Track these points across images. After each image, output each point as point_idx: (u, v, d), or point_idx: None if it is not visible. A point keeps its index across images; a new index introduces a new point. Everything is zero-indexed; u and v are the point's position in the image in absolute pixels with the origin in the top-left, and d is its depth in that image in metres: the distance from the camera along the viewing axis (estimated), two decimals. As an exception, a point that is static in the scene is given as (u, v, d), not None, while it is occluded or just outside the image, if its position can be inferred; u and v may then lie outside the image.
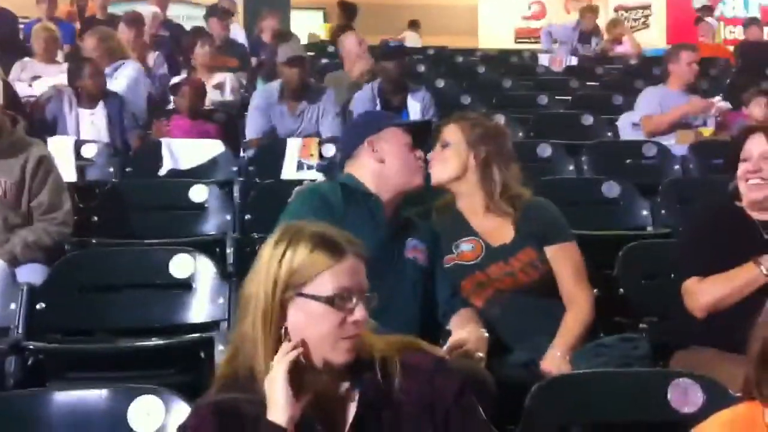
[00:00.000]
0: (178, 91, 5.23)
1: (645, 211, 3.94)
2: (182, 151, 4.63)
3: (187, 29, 8.00)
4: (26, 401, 1.98)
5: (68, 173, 4.17)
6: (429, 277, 2.53)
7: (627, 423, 2.10)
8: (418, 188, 2.60)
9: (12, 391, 2.36)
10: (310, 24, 10.95)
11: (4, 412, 1.93)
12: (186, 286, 2.95)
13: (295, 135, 4.96)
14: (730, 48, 10.21)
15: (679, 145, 5.06)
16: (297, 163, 4.64)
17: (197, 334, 2.73)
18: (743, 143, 2.66)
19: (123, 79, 5.45)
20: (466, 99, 6.37)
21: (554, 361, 2.39)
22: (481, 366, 2.24)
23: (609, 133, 5.74)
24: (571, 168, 4.71)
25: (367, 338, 1.66)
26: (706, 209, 2.76)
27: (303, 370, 1.58)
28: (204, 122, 5.17)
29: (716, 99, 5.38)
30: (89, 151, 4.61)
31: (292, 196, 2.65)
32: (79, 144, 4.63)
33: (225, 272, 3.08)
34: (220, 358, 1.77)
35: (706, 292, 2.51)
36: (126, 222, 3.86)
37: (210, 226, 3.88)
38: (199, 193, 3.92)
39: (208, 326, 2.87)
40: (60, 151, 4.26)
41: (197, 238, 3.67)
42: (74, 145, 4.58)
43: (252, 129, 5.08)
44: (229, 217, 3.88)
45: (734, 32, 13.44)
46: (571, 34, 9.40)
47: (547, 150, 4.72)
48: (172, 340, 2.74)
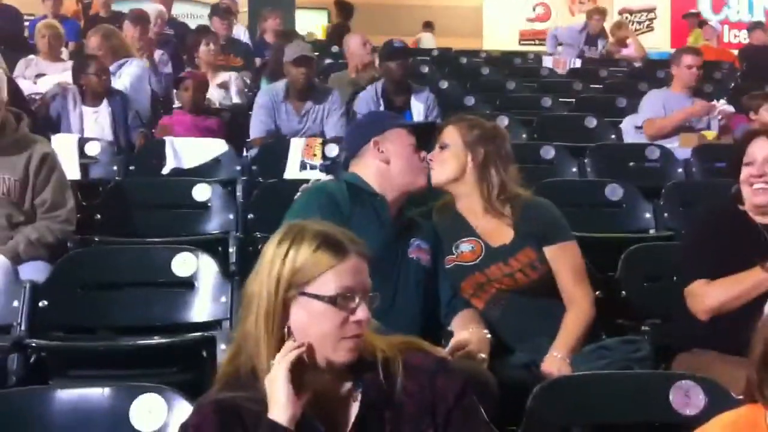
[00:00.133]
0: (181, 84, 5.22)
1: (648, 214, 3.93)
2: (186, 150, 4.63)
3: (191, 27, 8.02)
4: (28, 399, 1.98)
5: (72, 171, 4.17)
6: (432, 277, 2.54)
7: (628, 425, 2.11)
8: (422, 189, 2.61)
9: (14, 389, 2.35)
10: (314, 24, 10.94)
11: (6, 409, 1.93)
12: (188, 285, 2.95)
13: (299, 135, 4.96)
14: (734, 52, 10.20)
15: (682, 148, 5.05)
16: (300, 162, 4.63)
17: (199, 333, 2.72)
18: (746, 147, 2.66)
19: (127, 77, 5.44)
20: (470, 100, 6.37)
21: (554, 363, 2.39)
22: (483, 367, 2.24)
23: (612, 136, 5.73)
24: (574, 170, 4.71)
25: (370, 338, 1.66)
26: (709, 212, 2.75)
27: (304, 369, 1.57)
28: (206, 117, 5.16)
29: (720, 102, 5.37)
30: (93, 149, 4.60)
31: (299, 194, 2.65)
32: (83, 142, 4.61)
33: (227, 271, 3.09)
34: (222, 357, 1.77)
35: (711, 295, 2.51)
36: (129, 220, 3.85)
37: (213, 225, 3.88)
38: (202, 192, 3.91)
39: (211, 325, 2.87)
40: (64, 148, 4.26)
41: (200, 237, 3.68)
42: (78, 143, 4.56)
43: (256, 128, 5.06)
44: (231, 216, 3.87)
45: (738, 36, 13.44)
46: (578, 37, 9.36)
47: (550, 152, 4.72)
48: (174, 339, 2.74)
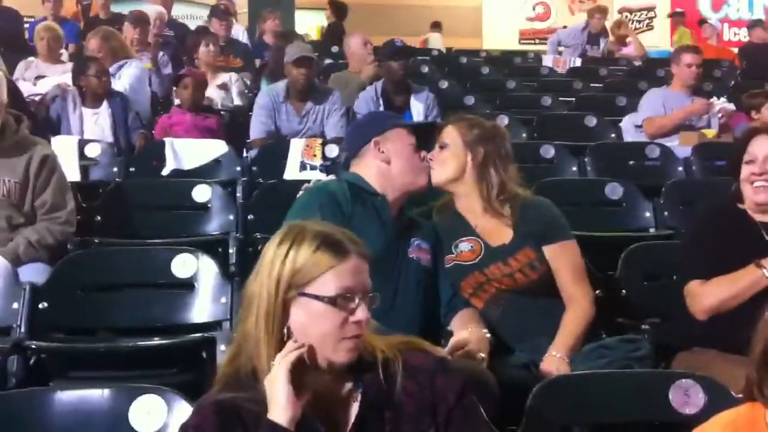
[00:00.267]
0: (180, 82, 5.19)
1: (648, 213, 3.93)
2: (186, 151, 4.63)
3: (191, 29, 8.02)
4: (28, 400, 1.98)
5: (72, 173, 4.18)
6: (432, 277, 2.53)
7: (628, 423, 2.10)
8: (423, 188, 2.61)
9: (14, 390, 2.35)
10: (309, 24, 10.94)
11: (6, 411, 1.92)
12: (188, 286, 2.95)
13: (299, 135, 4.96)
14: (734, 50, 10.19)
15: (682, 146, 5.05)
16: (300, 163, 4.63)
17: (199, 334, 2.72)
18: (747, 145, 2.65)
19: (126, 78, 5.45)
20: (470, 100, 6.37)
21: (554, 362, 2.39)
22: (483, 366, 2.24)
23: (612, 135, 5.73)
24: (574, 169, 4.71)
25: (370, 338, 1.66)
26: (708, 211, 2.75)
27: (304, 370, 1.57)
28: (205, 116, 5.14)
29: (721, 100, 5.36)
30: (93, 151, 4.61)
31: (301, 193, 2.65)
32: (83, 143, 4.62)
33: (227, 272, 3.09)
34: (222, 358, 1.77)
35: (709, 294, 2.50)
36: (129, 221, 3.85)
37: (213, 226, 3.88)
38: (202, 193, 3.91)
39: (211, 326, 2.88)
40: (64, 150, 4.26)
41: (200, 238, 3.67)
42: (78, 145, 4.57)
43: (256, 129, 5.07)
44: (231, 217, 3.87)
45: (738, 34, 13.43)
46: (580, 36, 9.35)
47: (550, 151, 4.72)
48: (174, 340, 2.74)
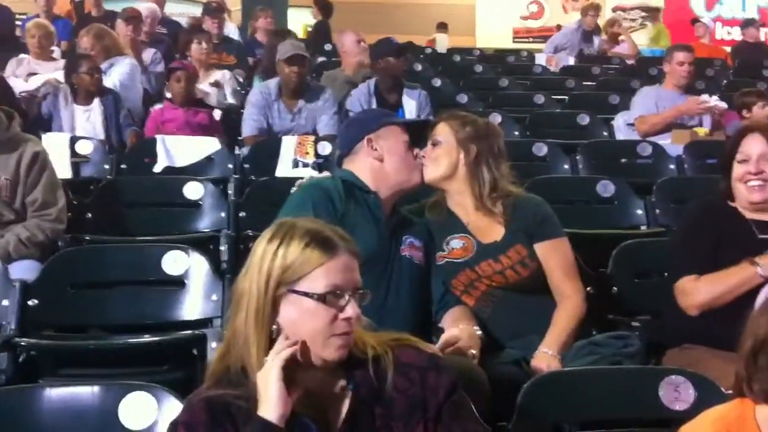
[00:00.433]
0: (173, 75, 5.14)
1: (639, 210, 3.94)
2: (178, 148, 4.62)
3: (184, 26, 8.00)
4: (17, 397, 1.98)
5: (63, 170, 4.17)
6: (424, 274, 2.53)
7: (619, 420, 2.11)
8: (416, 186, 2.61)
9: (3, 388, 2.34)
10: (306, 21, 10.93)
11: (-4, 407, 1.92)
12: (179, 283, 2.95)
13: (291, 133, 4.95)
14: (727, 49, 10.21)
15: (674, 144, 5.06)
16: (292, 161, 4.62)
17: (190, 331, 2.72)
18: (739, 144, 2.65)
19: (117, 75, 5.44)
20: (463, 98, 6.36)
21: (545, 359, 2.39)
22: (474, 363, 2.24)
23: (605, 133, 5.74)
24: (567, 167, 4.71)
25: (360, 335, 1.66)
26: (699, 208, 2.74)
27: (296, 367, 1.57)
28: (197, 111, 5.11)
29: (713, 98, 5.37)
30: (84, 148, 4.60)
31: (294, 189, 2.63)
32: (75, 140, 4.61)
33: (219, 269, 3.09)
34: (213, 355, 1.76)
35: (701, 291, 2.51)
36: (120, 219, 3.84)
37: (204, 224, 3.87)
38: (194, 191, 3.90)
39: (202, 323, 2.87)
40: (55, 147, 4.25)
41: (191, 235, 3.67)
42: (69, 142, 4.56)
43: (248, 127, 5.06)
44: (223, 214, 3.86)
45: (731, 33, 13.45)
46: (575, 35, 9.34)
47: (542, 149, 4.72)
48: (165, 337, 2.73)
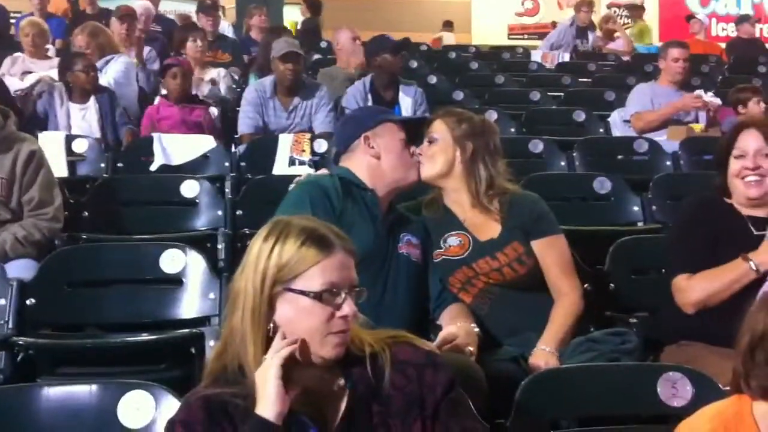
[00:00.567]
0: (168, 72, 5.10)
1: (636, 207, 3.94)
2: (174, 147, 4.61)
3: (179, 24, 7.99)
4: (15, 396, 1.98)
5: (59, 168, 4.15)
6: (421, 272, 2.53)
7: (617, 416, 2.11)
8: (413, 184, 2.61)
9: (1, 387, 2.34)
10: (295, 19, 10.90)
11: (-6, 407, 1.92)
12: (177, 282, 2.94)
13: (287, 131, 4.94)
14: (722, 45, 10.23)
15: (670, 141, 5.06)
16: (289, 158, 4.62)
17: (188, 330, 2.71)
18: (735, 139, 2.65)
19: (113, 73, 5.43)
20: (459, 95, 6.37)
21: (543, 356, 2.39)
22: (472, 360, 2.24)
23: (601, 129, 5.75)
24: (563, 164, 4.71)
25: (358, 333, 1.67)
26: (695, 205, 2.74)
27: (293, 365, 1.57)
28: (192, 108, 5.08)
29: (708, 94, 5.38)
30: (80, 147, 4.59)
31: (292, 186, 2.63)
32: (70, 139, 4.60)
33: (216, 268, 3.08)
34: (210, 354, 1.76)
35: (696, 288, 2.51)
36: (117, 217, 3.84)
37: (201, 222, 3.87)
38: (190, 189, 3.90)
39: (199, 322, 2.87)
40: (51, 146, 4.24)
41: (188, 234, 3.65)
42: (65, 140, 4.55)
43: (244, 125, 5.05)
44: (220, 212, 3.86)
45: (726, 29, 13.47)
46: (569, 32, 9.35)
47: (539, 146, 4.72)
48: (162, 336, 2.73)
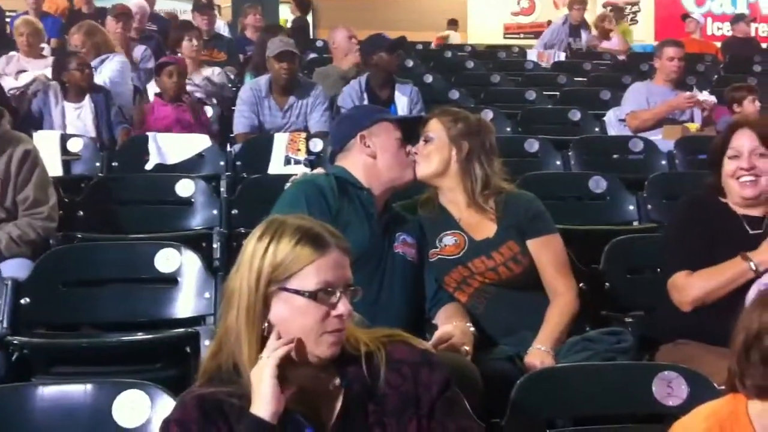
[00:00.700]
0: (164, 70, 5.07)
1: (631, 206, 3.95)
2: (169, 146, 4.61)
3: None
4: (9, 396, 1.97)
5: (54, 168, 4.15)
6: (417, 271, 2.53)
7: (612, 415, 2.12)
8: (409, 183, 2.61)
9: (-5, 386, 2.34)
10: (283, 17, 10.88)
11: (-12, 406, 1.92)
12: (172, 281, 2.94)
13: (282, 130, 4.94)
14: (717, 44, 10.24)
15: (665, 140, 5.07)
16: (284, 158, 4.62)
17: (183, 329, 2.71)
18: (729, 139, 2.65)
19: (108, 72, 5.43)
20: (455, 94, 6.37)
21: (538, 355, 2.38)
22: (467, 360, 2.24)
23: (596, 129, 5.75)
24: (558, 163, 4.72)
25: (353, 331, 1.67)
26: (690, 204, 2.74)
27: (288, 365, 1.57)
28: (186, 107, 5.06)
29: (703, 93, 5.38)
30: (75, 146, 4.58)
31: (288, 185, 2.62)
32: (65, 138, 4.60)
33: (211, 267, 3.08)
34: (205, 353, 1.76)
35: (694, 286, 2.51)
36: (112, 216, 3.83)
37: (196, 221, 3.86)
38: (185, 188, 3.90)
39: (194, 321, 2.87)
40: (46, 145, 4.24)
41: (183, 233, 3.65)
42: (60, 140, 4.55)
43: (239, 124, 5.05)
44: (215, 211, 3.86)
45: (722, 28, 13.49)
46: (562, 30, 9.38)
47: (534, 145, 4.72)
48: (157, 335, 2.73)
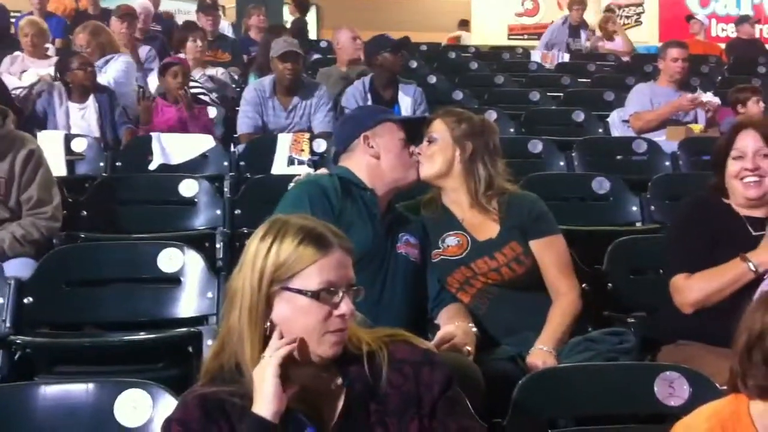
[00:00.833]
0: (168, 70, 5.07)
1: (635, 207, 3.95)
2: (173, 146, 4.61)
3: (178, 23, 7.99)
4: (12, 395, 1.98)
5: (58, 167, 4.16)
6: (420, 271, 2.53)
7: (614, 416, 2.12)
8: (412, 184, 2.61)
9: (-1, 385, 2.35)
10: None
11: (-9, 405, 1.92)
12: (175, 281, 2.94)
13: (286, 130, 4.94)
14: (721, 46, 10.22)
15: (669, 141, 5.06)
16: (288, 158, 4.62)
17: (186, 329, 2.71)
18: (733, 140, 2.64)
19: (113, 72, 5.43)
20: (458, 95, 6.38)
21: (540, 355, 2.38)
22: (469, 360, 2.24)
23: (600, 130, 5.75)
24: (562, 164, 4.71)
25: (355, 331, 1.67)
26: (692, 205, 2.74)
27: (290, 364, 1.57)
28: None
29: (707, 94, 5.38)
30: (79, 146, 4.59)
31: (292, 185, 2.62)
32: (69, 138, 4.60)
33: (214, 267, 3.08)
34: (208, 353, 1.77)
35: (695, 288, 2.51)
36: (115, 216, 3.84)
37: (200, 221, 3.87)
38: (189, 188, 3.90)
39: (197, 321, 2.87)
40: (50, 145, 4.23)
41: (187, 233, 3.65)
42: (64, 140, 4.56)
43: (243, 124, 5.05)
44: (219, 211, 3.86)
45: (726, 30, 13.46)
46: (562, 30, 9.38)
47: (538, 146, 4.72)
48: (160, 335, 2.73)
